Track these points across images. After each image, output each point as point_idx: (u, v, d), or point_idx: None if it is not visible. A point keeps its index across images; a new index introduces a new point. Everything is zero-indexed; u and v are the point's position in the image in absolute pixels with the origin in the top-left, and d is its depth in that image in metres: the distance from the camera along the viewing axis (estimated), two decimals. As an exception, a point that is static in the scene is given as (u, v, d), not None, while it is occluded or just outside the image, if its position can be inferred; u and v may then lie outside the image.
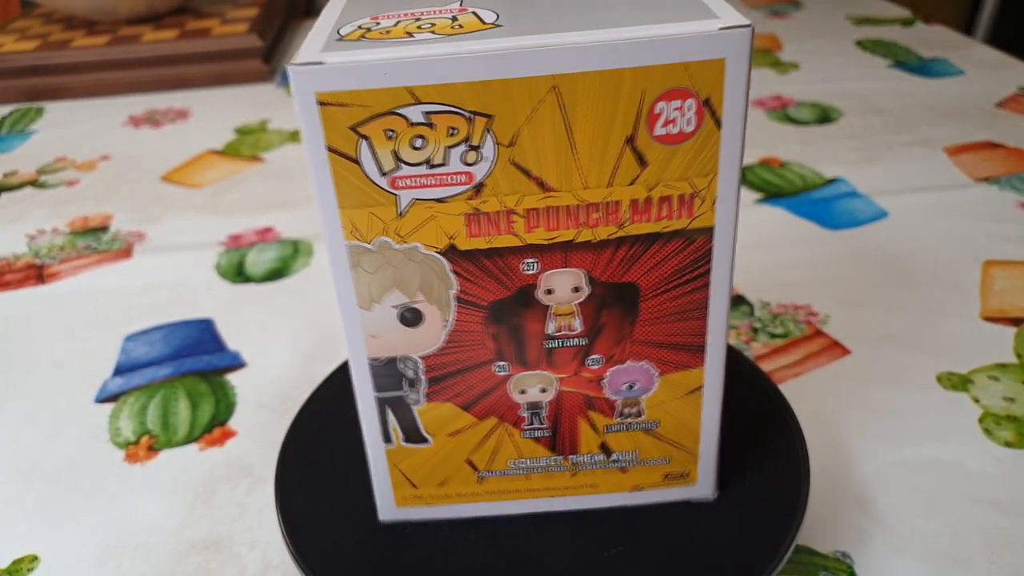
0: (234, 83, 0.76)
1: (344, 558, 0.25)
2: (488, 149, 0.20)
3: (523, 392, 0.24)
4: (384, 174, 0.20)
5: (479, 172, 0.20)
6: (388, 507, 0.26)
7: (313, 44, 0.20)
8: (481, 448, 0.25)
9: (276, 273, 0.46)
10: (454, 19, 0.20)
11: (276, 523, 0.30)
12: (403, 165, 0.20)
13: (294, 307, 0.43)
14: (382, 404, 0.24)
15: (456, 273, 0.21)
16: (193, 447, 0.34)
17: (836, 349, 0.38)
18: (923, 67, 0.71)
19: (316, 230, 0.51)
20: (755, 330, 0.39)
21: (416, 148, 0.19)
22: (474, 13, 0.21)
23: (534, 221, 0.21)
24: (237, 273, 0.47)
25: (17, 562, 0.30)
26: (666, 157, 0.20)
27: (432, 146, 0.19)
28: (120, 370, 0.39)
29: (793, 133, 0.60)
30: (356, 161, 0.20)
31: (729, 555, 0.25)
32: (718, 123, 0.20)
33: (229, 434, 0.35)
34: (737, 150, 0.20)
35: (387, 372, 0.23)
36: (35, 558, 0.30)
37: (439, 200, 0.20)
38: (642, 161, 0.20)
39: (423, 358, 0.23)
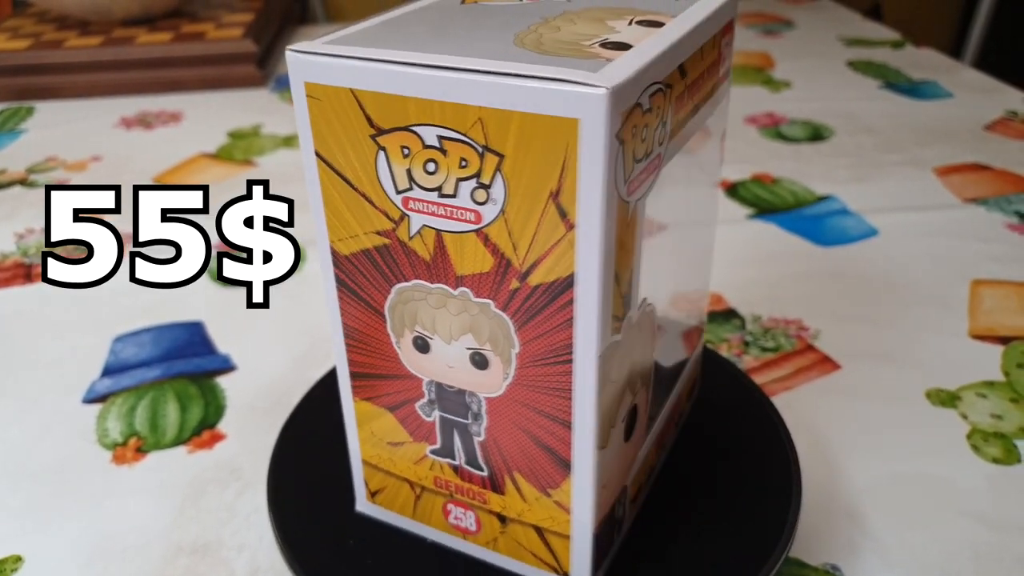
0: (228, 87, 0.76)
1: (337, 561, 0.25)
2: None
3: None
4: None
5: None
6: None
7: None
8: None
9: (268, 277, 0.46)
10: None
11: (265, 527, 0.30)
12: None
13: (286, 311, 0.43)
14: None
15: None
16: (182, 449, 0.34)
17: (826, 364, 0.38)
18: (913, 89, 0.71)
19: (307, 235, 0.50)
20: (746, 343, 0.39)
21: None
22: None
23: None
24: (228, 276, 0.46)
25: (0, 562, 0.29)
26: None
27: None
28: (109, 371, 0.39)
29: (785, 150, 0.61)
30: None
31: (720, 567, 0.25)
32: None
33: (218, 437, 0.35)
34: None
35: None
36: (19, 559, 0.29)
37: None
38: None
39: None
